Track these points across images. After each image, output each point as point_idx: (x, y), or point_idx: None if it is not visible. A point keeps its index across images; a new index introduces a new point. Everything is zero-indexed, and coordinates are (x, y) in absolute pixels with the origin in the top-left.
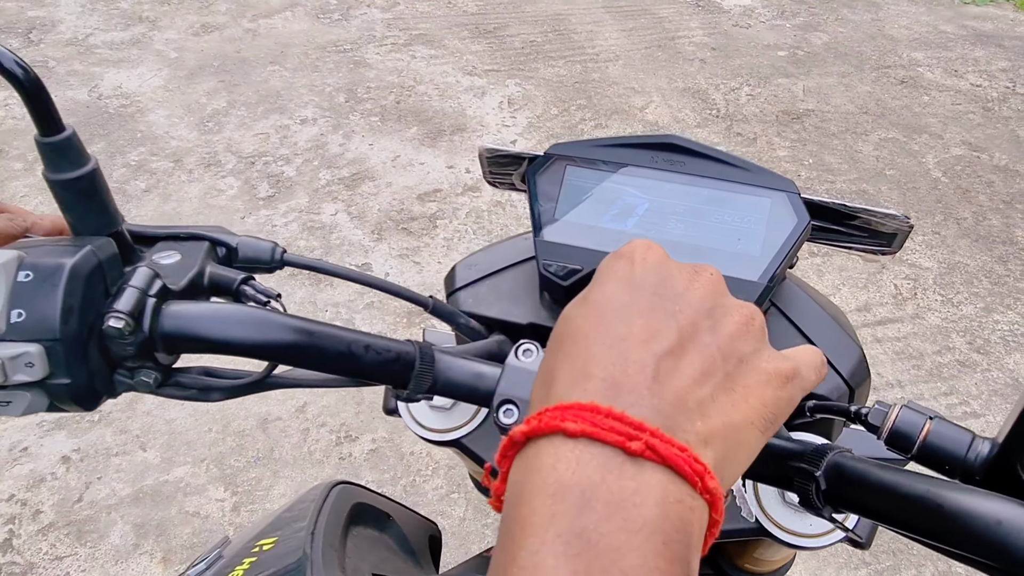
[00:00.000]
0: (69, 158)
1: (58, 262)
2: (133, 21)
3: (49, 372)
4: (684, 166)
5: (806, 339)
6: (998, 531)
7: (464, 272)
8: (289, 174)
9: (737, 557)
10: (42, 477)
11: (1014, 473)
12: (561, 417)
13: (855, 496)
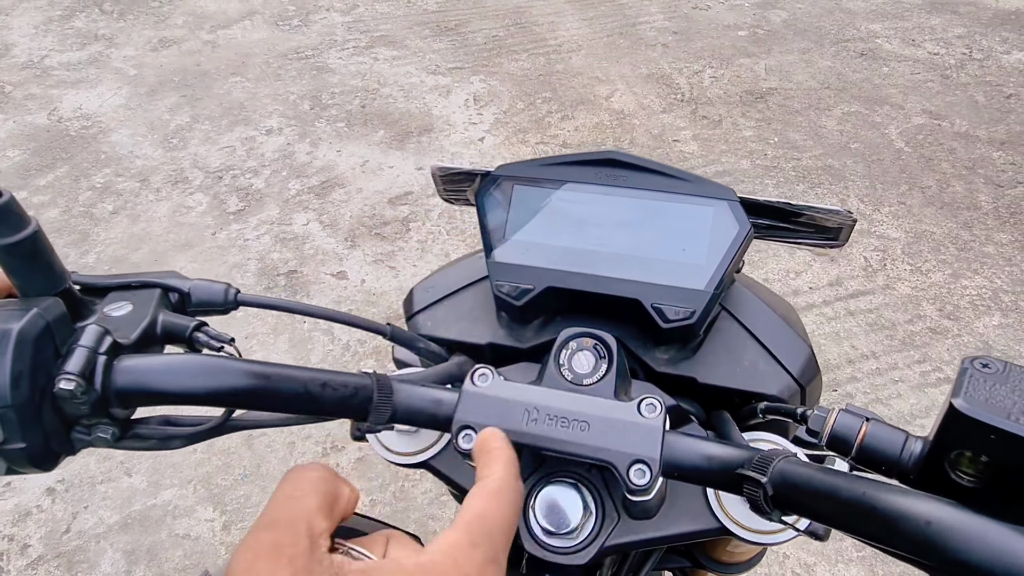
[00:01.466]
0: (9, 223)
1: (5, 328)
2: (89, 40)
3: (3, 438)
4: (627, 180)
5: (755, 340)
6: (928, 531)
7: (421, 295)
8: (258, 186)
9: (711, 551)
10: (28, 511)
11: (944, 472)
12: None
13: (800, 500)
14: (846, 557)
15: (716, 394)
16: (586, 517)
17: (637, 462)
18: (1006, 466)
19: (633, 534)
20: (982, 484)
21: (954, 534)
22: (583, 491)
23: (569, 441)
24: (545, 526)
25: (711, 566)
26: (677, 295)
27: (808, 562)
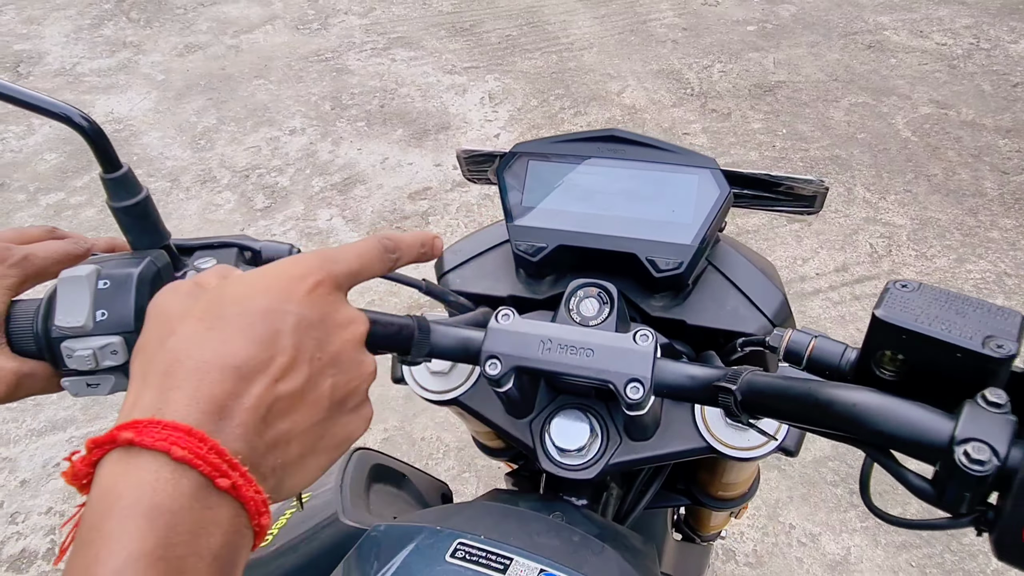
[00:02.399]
0: (127, 189)
1: (128, 271)
2: (118, 47)
3: (128, 358)
4: (625, 153)
5: (736, 289)
6: (854, 411)
7: (451, 257)
8: (283, 184)
9: (708, 486)
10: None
11: (871, 370)
12: (168, 438)
13: (763, 403)
14: (850, 528)
15: (703, 335)
16: (592, 439)
17: (632, 380)
18: (915, 360)
19: (633, 453)
20: (899, 377)
21: (872, 411)
22: (590, 418)
23: (576, 365)
24: (559, 445)
25: (707, 502)
26: (667, 249)
27: (813, 532)
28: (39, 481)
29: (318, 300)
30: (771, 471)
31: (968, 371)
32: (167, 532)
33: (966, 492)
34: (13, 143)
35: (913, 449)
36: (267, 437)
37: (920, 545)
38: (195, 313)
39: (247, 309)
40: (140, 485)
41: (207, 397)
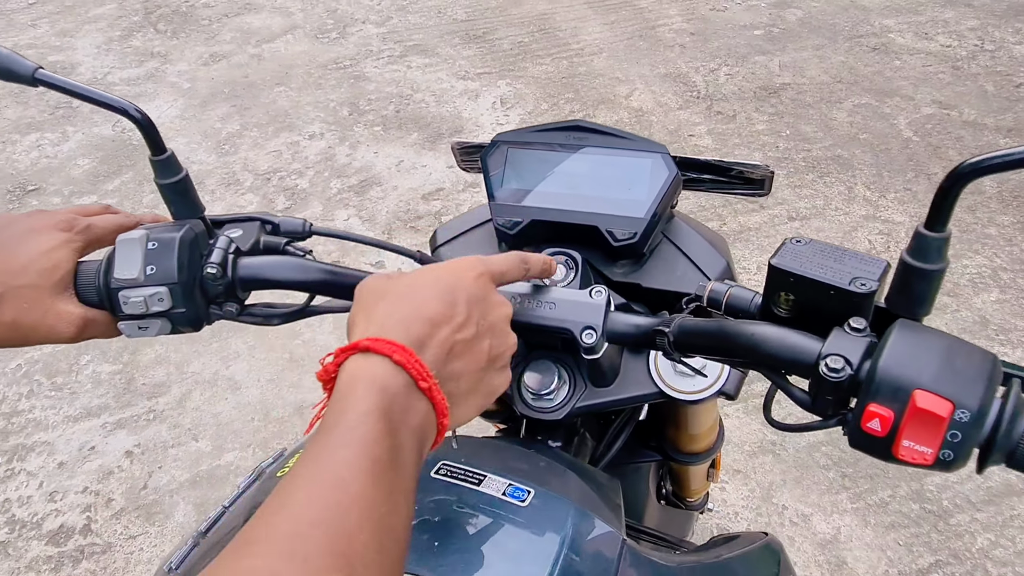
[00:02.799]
0: (171, 169)
1: (172, 235)
2: (146, 57)
3: (172, 305)
4: (588, 140)
5: (686, 257)
6: (751, 340)
7: (443, 234)
8: (303, 186)
9: (676, 441)
10: (110, 470)
11: (771, 310)
12: (391, 349)
13: (689, 341)
14: (840, 508)
15: (657, 297)
16: (560, 384)
17: (587, 328)
18: (802, 298)
19: (596, 398)
20: (792, 313)
21: (763, 339)
22: (558, 367)
23: (541, 316)
24: (531, 390)
25: (677, 456)
26: (624, 222)
27: (805, 512)
28: (75, 463)
29: (482, 284)
30: (766, 455)
31: (840, 305)
32: (389, 403)
33: (829, 396)
34: (49, 149)
35: (792, 366)
36: (447, 369)
37: (908, 525)
38: (399, 288)
39: (436, 283)
40: (373, 373)
41: (413, 334)
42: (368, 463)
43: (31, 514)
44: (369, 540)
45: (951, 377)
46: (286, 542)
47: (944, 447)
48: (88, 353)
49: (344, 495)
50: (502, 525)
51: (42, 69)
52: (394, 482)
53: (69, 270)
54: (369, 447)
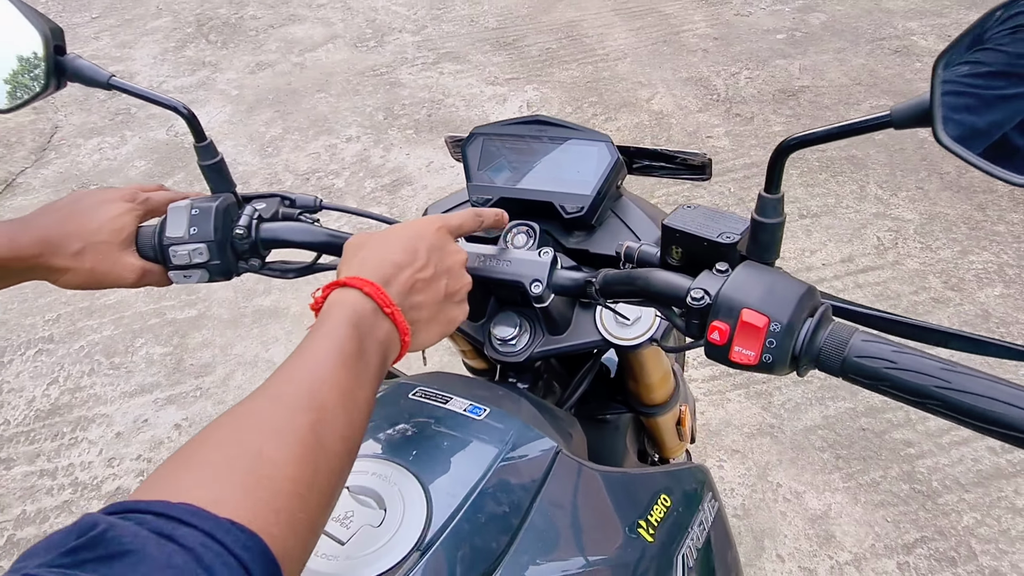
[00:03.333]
0: (210, 153)
1: (210, 204)
2: (198, 66)
3: (209, 258)
4: (547, 131)
5: (628, 228)
6: (645, 282)
7: (432, 210)
8: (339, 185)
9: (638, 394)
10: (161, 441)
11: (667, 261)
12: (363, 284)
13: (609, 288)
14: (832, 487)
15: (603, 260)
16: (521, 332)
17: (535, 280)
18: (686, 249)
19: (551, 344)
20: (681, 262)
21: (652, 281)
22: (521, 319)
23: (500, 271)
24: (498, 337)
25: (640, 408)
26: (573, 199)
27: (798, 490)
28: (131, 433)
29: (441, 236)
30: (764, 437)
31: (712, 253)
32: (358, 319)
33: (695, 320)
34: (109, 152)
35: (671, 299)
36: (409, 301)
37: (896, 504)
38: (374, 240)
39: (402, 236)
40: (348, 300)
41: (381, 273)
42: (338, 354)
43: (92, 477)
44: (336, 401)
45: (770, 299)
46: (274, 391)
47: (764, 351)
48: (142, 336)
49: (319, 369)
50: (458, 433)
51: (114, 76)
52: (359, 370)
53: (132, 231)
54: (341, 343)
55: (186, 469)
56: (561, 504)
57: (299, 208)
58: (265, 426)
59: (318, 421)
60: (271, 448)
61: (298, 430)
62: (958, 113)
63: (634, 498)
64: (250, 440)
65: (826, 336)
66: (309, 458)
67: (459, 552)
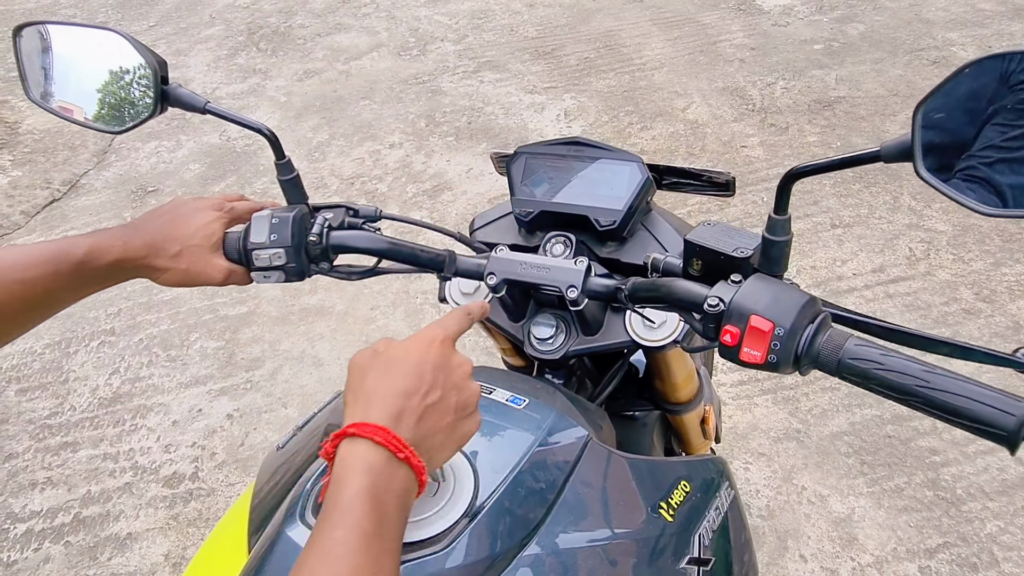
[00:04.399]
0: (288, 169)
1: (288, 214)
2: (249, 73)
3: (286, 261)
4: (585, 152)
5: (656, 240)
6: (668, 290)
7: (478, 221)
8: (382, 190)
9: (665, 392)
10: (214, 429)
11: (688, 271)
12: (373, 432)
13: (636, 295)
14: (857, 492)
15: (633, 269)
16: (558, 332)
17: (571, 286)
18: (706, 262)
19: (585, 344)
20: (701, 273)
21: (679, 289)
22: (557, 319)
23: (540, 277)
24: (536, 336)
25: (665, 406)
26: (607, 213)
27: (823, 494)
28: (186, 422)
29: (443, 352)
30: (790, 441)
31: (728, 266)
32: (374, 479)
33: (710, 324)
34: (166, 156)
35: (691, 305)
36: (421, 431)
37: (920, 509)
38: (378, 365)
39: (407, 359)
40: (360, 455)
41: (389, 411)
42: (357, 539)
43: (150, 462)
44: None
45: (776, 307)
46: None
47: (770, 352)
48: (197, 331)
49: (341, 567)
50: (502, 420)
51: (209, 103)
52: (381, 547)
53: (220, 237)
54: (358, 525)
55: None
56: (591, 484)
57: (363, 218)
58: None
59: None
60: None
61: None
62: (934, 151)
63: (656, 482)
64: None
65: (824, 340)
66: None
67: (502, 520)
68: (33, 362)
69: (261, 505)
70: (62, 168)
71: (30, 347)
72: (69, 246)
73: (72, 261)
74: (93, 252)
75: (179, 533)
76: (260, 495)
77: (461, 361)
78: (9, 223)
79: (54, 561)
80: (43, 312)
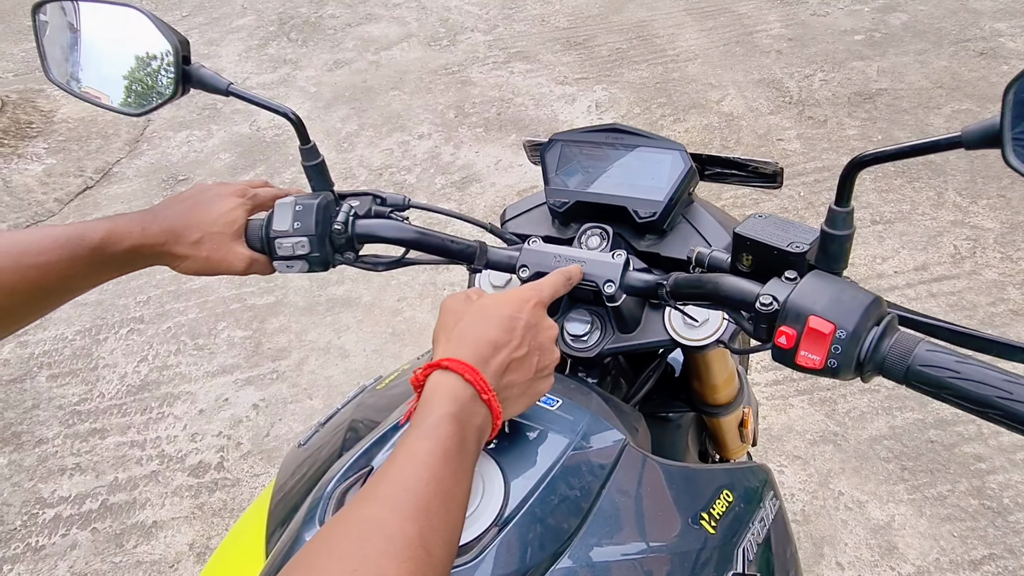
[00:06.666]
0: (313, 155)
1: (312, 202)
2: (279, 64)
3: (310, 251)
4: (623, 139)
5: (699, 233)
6: (716, 286)
7: (510, 212)
8: (410, 181)
9: (703, 394)
10: (239, 419)
11: (736, 267)
12: (463, 368)
13: (678, 291)
14: (897, 498)
15: (673, 264)
16: (593, 330)
17: (608, 280)
18: (756, 257)
19: (621, 342)
20: (751, 268)
21: (727, 285)
22: (592, 316)
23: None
24: (571, 333)
25: (703, 408)
26: (646, 204)
27: (861, 499)
28: (213, 411)
29: (536, 313)
30: (827, 444)
31: (781, 261)
32: (459, 409)
33: (763, 325)
34: (196, 145)
35: (740, 303)
36: (504, 381)
37: (964, 519)
38: (472, 312)
39: (500, 313)
40: (449, 386)
41: (479, 354)
42: (441, 452)
43: (177, 450)
44: (439, 505)
45: (837, 308)
46: (387, 499)
47: (830, 357)
48: (224, 320)
49: (425, 472)
50: (533, 421)
51: (232, 84)
52: (459, 465)
53: (242, 224)
54: (443, 441)
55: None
56: (628, 493)
57: (390, 206)
58: (378, 539)
59: (425, 528)
60: (387, 564)
61: (409, 542)
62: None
63: (697, 492)
64: (366, 554)
65: (891, 345)
66: (419, 573)
67: (533, 530)
68: (64, 348)
69: (281, 504)
70: (95, 156)
71: (61, 333)
72: (86, 230)
73: (89, 246)
74: (110, 237)
75: (204, 523)
76: (280, 494)
77: (550, 324)
78: (43, 210)
79: (81, 547)
80: (58, 297)
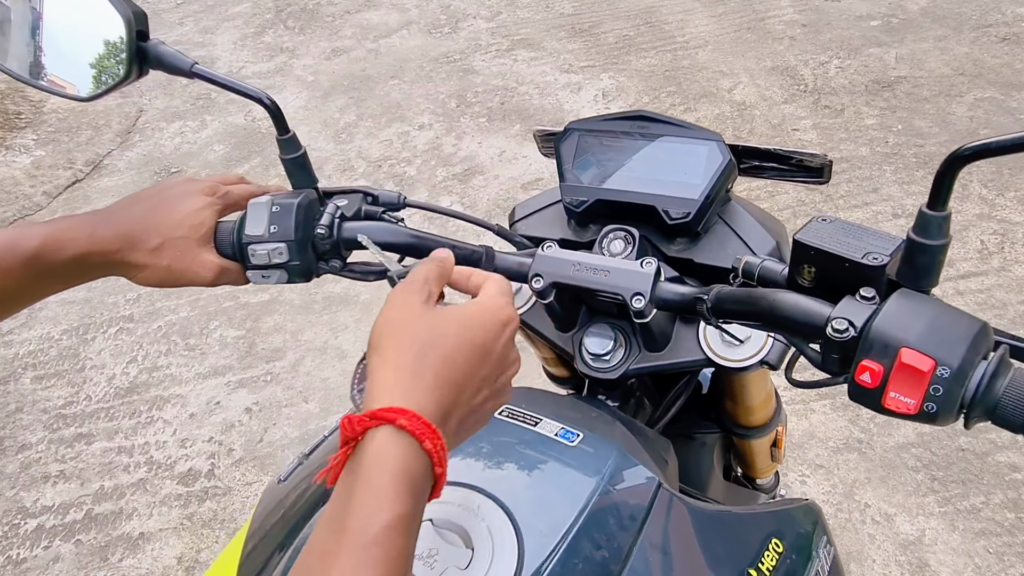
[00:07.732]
0: (292, 147)
1: (291, 201)
2: (276, 52)
3: (289, 258)
4: (649, 128)
5: (738, 237)
6: (772, 305)
7: (520, 211)
8: (411, 173)
9: (735, 415)
10: (231, 424)
11: (795, 281)
12: (420, 427)
13: (723, 307)
14: (927, 511)
15: (709, 272)
16: (616, 347)
17: (636, 294)
18: (821, 269)
19: (649, 361)
20: (813, 283)
21: (781, 305)
22: (616, 332)
23: (597, 282)
24: (591, 351)
25: (735, 429)
26: (679, 203)
27: (889, 512)
28: (203, 415)
29: (509, 342)
30: (851, 452)
31: (854, 276)
32: (413, 495)
33: (835, 355)
34: (190, 136)
35: (804, 328)
36: (456, 435)
37: (1000, 534)
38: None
39: (472, 340)
40: (402, 455)
41: (441, 406)
42: (390, 567)
43: (166, 457)
44: None
45: (936, 338)
46: None
47: (927, 400)
48: (217, 319)
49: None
50: (551, 460)
51: (197, 64)
52: (408, 547)
53: (211, 227)
54: (393, 551)
55: None
56: (664, 549)
57: (382, 206)
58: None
59: None
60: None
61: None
62: None
63: (743, 542)
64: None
65: (1007, 384)
66: None
67: None
68: (50, 348)
69: (253, 555)
70: (85, 148)
71: (47, 332)
72: (19, 237)
73: (23, 255)
74: (50, 244)
75: (193, 534)
76: (253, 541)
77: (516, 358)
78: (31, 204)
79: (64, 560)
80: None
